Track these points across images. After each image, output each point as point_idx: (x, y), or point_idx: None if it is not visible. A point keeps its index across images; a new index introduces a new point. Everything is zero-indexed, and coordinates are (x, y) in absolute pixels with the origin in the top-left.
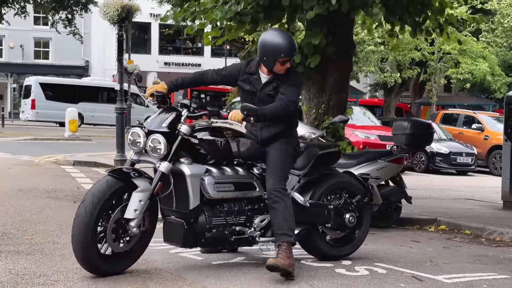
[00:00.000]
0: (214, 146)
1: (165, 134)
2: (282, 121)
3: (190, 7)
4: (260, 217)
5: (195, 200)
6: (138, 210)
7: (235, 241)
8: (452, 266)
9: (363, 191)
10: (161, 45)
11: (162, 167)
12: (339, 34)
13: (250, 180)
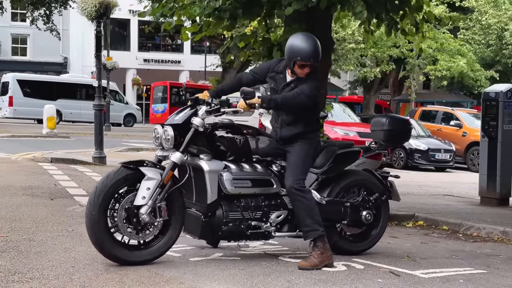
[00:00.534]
0: (233, 144)
1: (177, 126)
2: (302, 121)
3: (169, 3)
4: (277, 212)
5: (213, 194)
6: (146, 197)
7: (251, 235)
8: (429, 261)
9: (382, 189)
10: (141, 42)
11: (173, 157)
12: (318, 31)
13: (268, 177)
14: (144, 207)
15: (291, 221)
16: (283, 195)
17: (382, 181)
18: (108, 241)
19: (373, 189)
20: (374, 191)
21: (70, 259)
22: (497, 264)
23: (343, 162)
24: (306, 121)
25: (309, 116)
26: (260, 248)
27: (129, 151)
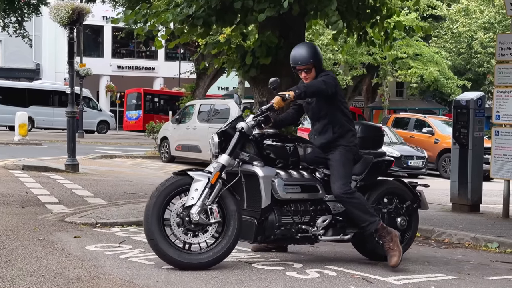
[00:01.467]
0: (284, 151)
1: (223, 133)
2: (331, 127)
3: (142, 10)
4: (322, 217)
5: (267, 199)
6: (195, 197)
7: (300, 238)
8: (401, 267)
9: (412, 197)
10: (114, 49)
11: (220, 158)
12: (291, 38)
13: (314, 183)
14: (194, 207)
15: (335, 226)
16: (326, 201)
17: (412, 190)
18: (168, 249)
19: (405, 197)
20: (406, 199)
21: (41, 268)
22: (468, 270)
23: (379, 171)
24: (336, 127)
25: (338, 121)
26: (233, 255)
27: (102, 158)
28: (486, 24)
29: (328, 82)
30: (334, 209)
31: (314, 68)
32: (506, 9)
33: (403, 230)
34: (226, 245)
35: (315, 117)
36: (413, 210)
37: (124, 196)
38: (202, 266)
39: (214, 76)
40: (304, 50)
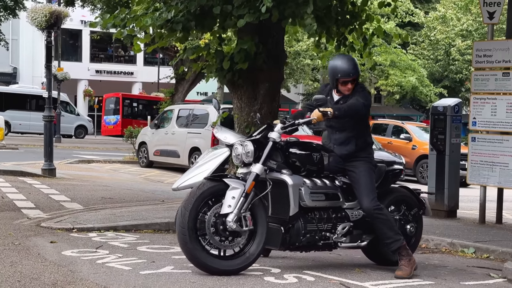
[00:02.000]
0: (310, 160)
1: (255, 141)
2: (353, 139)
3: (120, 14)
4: (342, 224)
5: (295, 207)
6: (232, 205)
7: (322, 245)
8: (379, 273)
9: (418, 205)
10: (93, 53)
11: (255, 168)
12: (270, 44)
13: (336, 191)
14: (231, 215)
15: (352, 233)
16: (345, 208)
17: (418, 197)
18: (203, 256)
19: (412, 204)
20: (413, 206)
21: (16, 273)
22: (444, 275)
23: (391, 179)
24: (358, 139)
25: (362, 135)
26: None
27: (79, 163)
28: (464, 32)
29: (367, 105)
30: (352, 216)
31: (353, 83)
32: (482, 17)
33: (411, 236)
34: (256, 251)
35: (339, 127)
36: (419, 217)
37: (101, 201)
38: (232, 272)
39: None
40: (352, 63)
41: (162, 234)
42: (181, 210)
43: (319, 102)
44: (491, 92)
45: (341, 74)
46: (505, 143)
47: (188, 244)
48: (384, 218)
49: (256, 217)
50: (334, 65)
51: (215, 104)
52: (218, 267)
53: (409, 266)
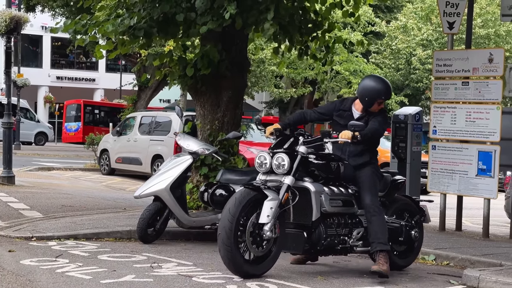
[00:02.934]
0: (328, 169)
1: (286, 154)
2: (367, 151)
3: (82, 20)
4: (357, 229)
5: (317, 213)
6: (270, 216)
7: (340, 249)
8: (342, 280)
9: (419, 212)
10: (53, 59)
11: (287, 180)
12: (233, 51)
13: (351, 198)
14: (268, 225)
15: (365, 238)
16: (358, 215)
17: (418, 205)
18: (241, 262)
19: (413, 212)
20: (414, 214)
21: None
22: (405, 282)
23: (396, 188)
24: (370, 151)
25: (374, 147)
26: (173, 269)
27: (39, 170)
28: (424, 41)
29: (385, 128)
30: (365, 222)
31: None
32: (442, 27)
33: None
34: (276, 256)
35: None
36: (420, 223)
37: (61, 209)
38: (258, 275)
39: (156, 88)
40: (386, 86)
41: (123, 242)
42: (226, 219)
43: (358, 128)
44: (450, 101)
45: (385, 96)
46: (465, 151)
47: (233, 254)
48: (380, 218)
49: (280, 224)
50: (377, 86)
51: (178, 112)
52: (249, 271)
53: (386, 266)
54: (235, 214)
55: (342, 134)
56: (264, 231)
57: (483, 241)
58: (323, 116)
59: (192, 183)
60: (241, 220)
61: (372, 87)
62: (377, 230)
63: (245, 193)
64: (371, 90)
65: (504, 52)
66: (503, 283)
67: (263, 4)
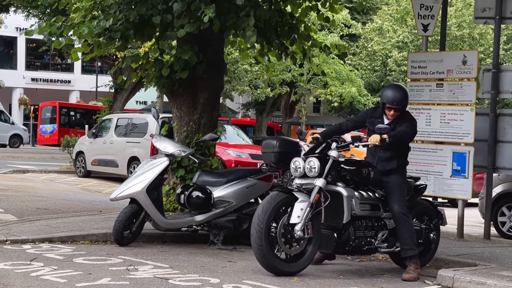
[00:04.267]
0: (360, 174)
1: (318, 158)
2: (396, 157)
3: (57, 22)
4: (382, 232)
5: (348, 216)
6: (301, 216)
7: (366, 250)
8: (318, 281)
9: (437, 215)
10: (28, 61)
11: (318, 182)
12: (210, 53)
13: (378, 203)
14: (299, 225)
15: (388, 240)
16: (383, 218)
17: (436, 209)
18: (276, 261)
19: (431, 215)
20: (433, 218)
21: None
22: (381, 283)
23: (419, 193)
24: (400, 158)
25: (404, 153)
26: (149, 271)
27: (14, 173)
28: (400, 43)
29: (414, 133)
30: (389, 225)
31: (397, 111)
32: (417, 30)
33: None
34: (312, 254)
35: (384, 147)
36: (438, 226)
37: (36, 212)
38: (295, 273)
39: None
40: (399, 94)
41: (99, 245)
42: (255, 226)
43: (384, 130)
44: (425, 103)
45: (387, 100)
46: (439, 152)
47: (267, 257)
48: (408, 225)
49: (313, 225)
50: (385, 92)
51: (154, 113)
52: (286, 270)
53: (415, 272)
54: (266, 215)
55: (371, 138)
56: (295, 231)
57: (458, 241)
58: (358, 124)
59: (169, 185)
60: (272, 221)
61: (385, 93)
62: (406, 237)
63: (275, 196)
64: (384, 96)
65: (477, 54)
66: (477, 282)
67: (243, 10)
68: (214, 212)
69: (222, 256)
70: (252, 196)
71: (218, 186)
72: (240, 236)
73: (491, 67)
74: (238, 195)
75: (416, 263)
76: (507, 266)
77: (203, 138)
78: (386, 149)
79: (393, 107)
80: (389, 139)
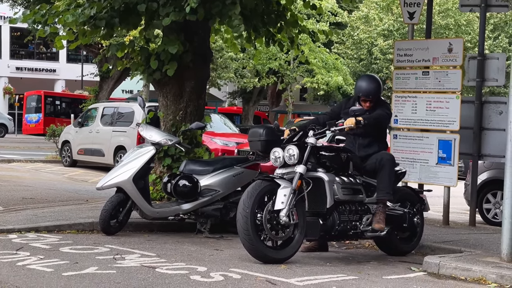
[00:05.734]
0: (339, 160)
1: (296, 145)
2: (375, 143)
3: (41, 10)
4: (366, 216)
5: (331, 200)
6: (284, 202)
7: (352, 234)
8: (305, 269)
9: (420, 201)
10: (13, 49)
11: (299, 168)
12: (196, 42)
13: (359, 187)
14: (284, 210)
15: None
16: (366, 203)
17: (418, 195)
18: (264, 249)
19: (413, 201)
20: (415, 203)
21: None
22: (368, 270)
23: (398, 179)
24: (379, 142)
25: (382, 137)
26: (136, 260)
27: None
28: (385, 32)
29: (390, 114)
30: (372, 210)
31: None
32: (403, 18)
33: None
34: (299, 241)
35: (362, 133)
36: (421, 211)
37: (22, 201)
38: (283, 260)
39: (118, 79)
40: (374, 85)
41: (86, 234)
42: (241, 212)
43: (357, 112)
44: (411, 91)
45: (362, 94)
46: (425, 140)
47: (253, 242)
48: (390, 171)
49: (298, 211)
50: (359, 84)
51: (140, 102)
52: (274, 257)
53: (383, 222)
54: (251, 200)
55: (346, 121)
56: (281, 217)
57: (443, 228)
58: (333, 116)
59: (155, 174)
60: (257, 209)
61: (357, 85)
62: (386, 179)
63: (259, 183)
64: (355, 87)
65: (463, 42)
66: (463, 269)
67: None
68: (201, 200)
69: (209, 244)
70: (239, 184)
71: (205, 174)
72: (227, 224)
73: (476, 55)
74: (225, 184)
75: (384, 213)
76: (492, 252)
77: (189, 126)
78: (364, 135)
79: (367, 99)
80: (364, 121)
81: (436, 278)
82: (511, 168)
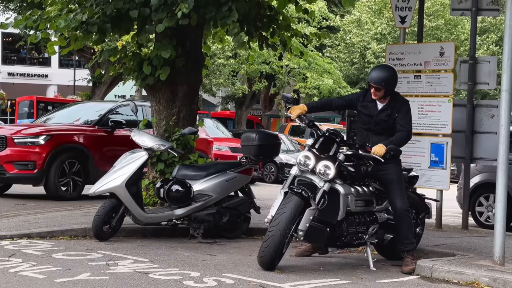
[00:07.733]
0: (358, 172)
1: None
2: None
3: (33, 15)
4: (372, 226)
5: (343, 213)
6: (308, 222)
7: (356, 244)
8: (298, 274)
9: (425, 209)
10: (5, 55)
11: (326, 186)
12: (189, 46)
13: (372, 198)
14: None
15: (377, 232)
16: (375, 212)
17: (424, 202)
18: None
19: (419, 209)
20: (420, 211)
21: None
22: (361, 274)
23: (411, 184)
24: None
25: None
26: (129, 266)
27: None
28: (378, 35)
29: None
30: (380, 219)
31: (384, 91)
32: (395, 22)
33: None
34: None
35: (376, 131)
36: (423, 220)
37: (14, 207)
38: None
39: (110, 84)
40: (386, 74)
41: (78, 241)
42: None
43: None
44: (403, 94)
45: (374, 81)
46: (418, 144)
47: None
48: (409, 220)
49: None
50: (371, 72)
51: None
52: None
53: (413, 264)
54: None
55: (376, 149)
56: (299, 235)
57: (436, 231)
58: (348, 104)
59: (148, 179)
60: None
61: (369, 73)
62: (406, 232)
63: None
64: (370, 76)
65: (455, 46)
66: (456, 272)
67: (225, 5)
68: (194, 205)
69: (202, 249)
70: (232, 189)
71: (198, 179)
72: (220, 229)
73: (467, 59)
74: (218, 189)
75: (412, 255)
76: (485, 256)
77: (182, 131)
78: (379, 133)
79: (378, 87)
80: (391, 153)
81: (429, 282)
82: (503, 171)
